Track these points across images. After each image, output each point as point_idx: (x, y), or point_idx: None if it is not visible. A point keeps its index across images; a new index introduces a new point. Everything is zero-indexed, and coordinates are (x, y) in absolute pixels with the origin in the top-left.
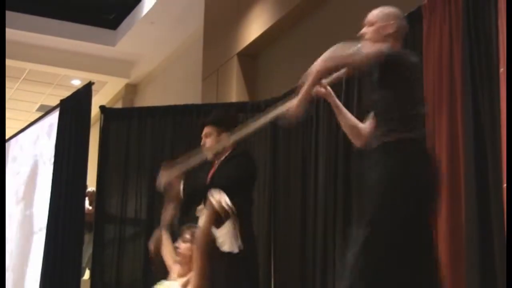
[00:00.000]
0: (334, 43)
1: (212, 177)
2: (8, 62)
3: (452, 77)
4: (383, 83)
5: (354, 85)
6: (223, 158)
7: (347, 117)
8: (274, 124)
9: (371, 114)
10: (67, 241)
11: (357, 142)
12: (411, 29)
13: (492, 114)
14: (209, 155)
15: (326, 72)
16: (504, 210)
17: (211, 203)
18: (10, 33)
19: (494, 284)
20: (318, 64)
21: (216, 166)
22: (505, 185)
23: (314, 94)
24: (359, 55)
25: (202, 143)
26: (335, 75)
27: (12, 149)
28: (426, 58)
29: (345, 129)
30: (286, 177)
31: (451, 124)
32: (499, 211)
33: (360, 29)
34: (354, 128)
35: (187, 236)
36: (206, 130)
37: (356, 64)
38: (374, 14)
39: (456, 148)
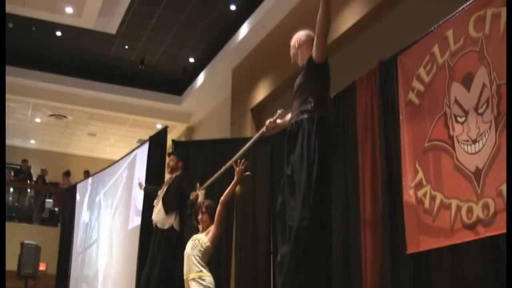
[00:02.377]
0: None
1: None
2: (120, 114)
3: (372, 121)
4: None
5: None
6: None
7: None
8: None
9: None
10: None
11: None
12: (350, 94)
13: (395, 140)
14: None
15: None
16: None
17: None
18: (121, 98)
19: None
20: None
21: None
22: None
23: (265, 129)
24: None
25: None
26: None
27: (123, 164)
28: (359, 110)
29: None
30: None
31: (373, 146)
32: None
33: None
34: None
35: (203, 208)
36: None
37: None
38: (296, 37)
39: (375, 169)
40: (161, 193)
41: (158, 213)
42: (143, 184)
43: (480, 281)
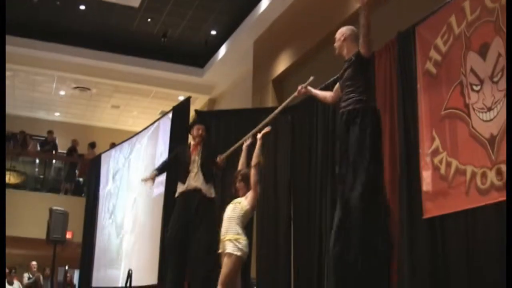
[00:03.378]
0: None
1: None
2: (143, 87)
3: (391, 91)
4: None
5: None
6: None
7: (320, 96)
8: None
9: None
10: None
11: (328, 102)
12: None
13: (413, 109)
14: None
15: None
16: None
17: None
18: (144, 71)
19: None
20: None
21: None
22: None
23: (297, 94)
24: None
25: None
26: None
27: (147, 135)
28: (378, 79)
29: (321, 100)
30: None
31: (391, 115)
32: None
33: None
34: (324, 99)
35: (239, 177)
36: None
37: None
38: (340, 32)
39: (393, 136)
40: (195, 160)
41: (198, 179)
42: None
43: (493, 244)
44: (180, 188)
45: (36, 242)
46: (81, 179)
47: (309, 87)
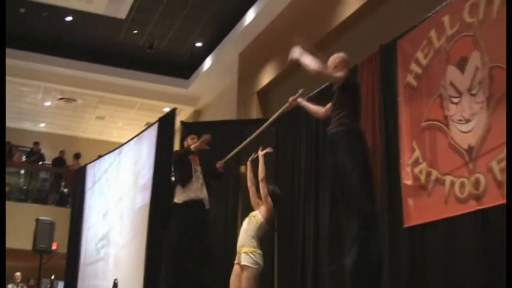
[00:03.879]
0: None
1: None
2: (128, 98)
3: (373, 102)
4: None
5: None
6: None
7: (312, 109)
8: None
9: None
10: (164, 198)
11: (319, 117)
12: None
13: (394, 120)
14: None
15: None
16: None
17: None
18: (129, 82)
19: None
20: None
21: None
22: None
23: (288, 105)
24: (335, 75)
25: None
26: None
27: (132, 145)
28: (362, 91)
29: (312, 114)
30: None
31: (373, 126)
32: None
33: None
34: (316, 113)
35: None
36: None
37: (333, 79)
38: (330, 60)
39: (375, 147)
40: (197, 170)
41: (203, 191)
42: None
43: (471, 251)
44: (182, 195)
45: (21, 252)
46: (65, 190)
47: (299, 99)
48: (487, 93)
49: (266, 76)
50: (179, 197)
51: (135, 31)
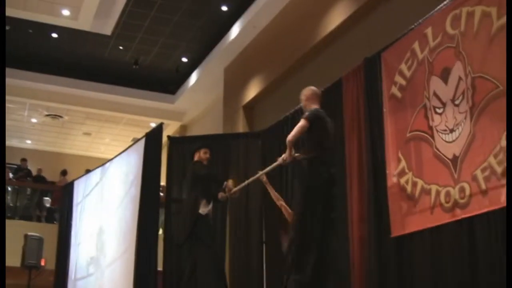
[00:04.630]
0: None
1: None
2: (115, 114)
3: (358, 114)
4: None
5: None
6: None
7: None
8: None
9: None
10: (151, 213)
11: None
12: (338, 89)
13: (380, 131)
14: None
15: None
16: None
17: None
18: (115, 98)
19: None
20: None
21: None
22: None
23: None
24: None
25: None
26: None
27: (119, 161)
28: (345, 103)
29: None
30: None
31: (359, 137)
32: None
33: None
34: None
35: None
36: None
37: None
38: (303, 93)
39: (361, 158)
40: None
41: (209, 206)
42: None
43: (456, 258)
44: (206, 208)
45: (9, 270)
46: (52, 207)
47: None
48: (470, 103)
49: (252, 91)
50: (204, 210)
51: (121, 47)
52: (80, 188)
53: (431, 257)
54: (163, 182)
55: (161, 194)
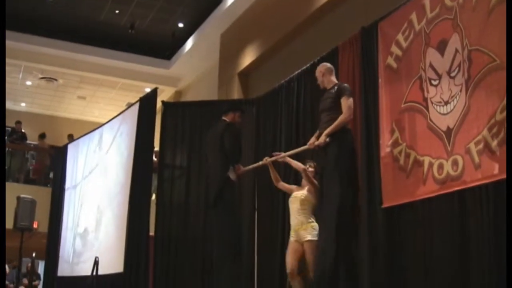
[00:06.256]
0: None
1: None
2: (110, 78)
3: (354, 84)
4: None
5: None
6: None
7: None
8: None
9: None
10: (145, 177)
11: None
12: (334, 58)
13: (374, 102)
14: None
15: None
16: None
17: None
18: (111, 62)
19: None
20: None
21: None
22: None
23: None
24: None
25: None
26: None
27: (115, 122)
28: (341, 72)
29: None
30: None
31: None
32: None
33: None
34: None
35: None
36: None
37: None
38: (318, 69)
39: (355, 128)
40: None
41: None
42: None
43: (446, 230)
44: (234, 174)
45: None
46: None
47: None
48: (466, 76)
49: (248, 57)
50: (233, 176)
51: (117, 11)
52: (75, 153)
53: (422, 229)
54: (156, 148)
55: (155, 159)
